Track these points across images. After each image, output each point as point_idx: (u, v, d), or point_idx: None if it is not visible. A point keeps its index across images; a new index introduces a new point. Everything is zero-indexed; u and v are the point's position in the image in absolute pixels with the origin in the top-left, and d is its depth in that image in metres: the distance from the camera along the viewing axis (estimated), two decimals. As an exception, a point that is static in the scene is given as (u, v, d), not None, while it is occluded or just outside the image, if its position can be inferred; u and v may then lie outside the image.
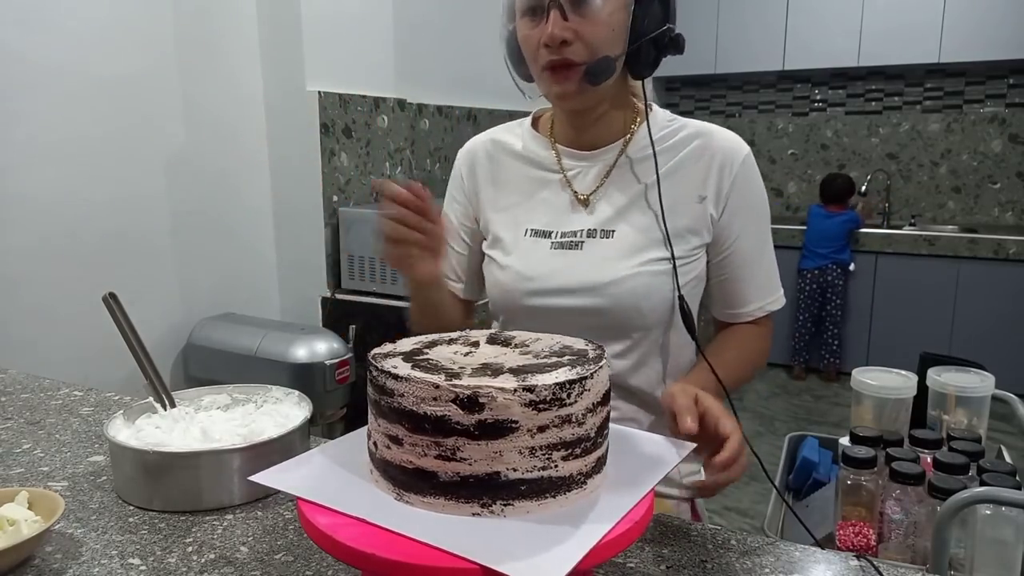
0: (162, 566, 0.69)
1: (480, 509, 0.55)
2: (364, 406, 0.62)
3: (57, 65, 1.95)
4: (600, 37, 0.89)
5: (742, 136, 1.03)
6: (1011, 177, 4.45)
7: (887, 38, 4.28)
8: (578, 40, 0.88)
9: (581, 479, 0.57)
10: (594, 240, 0.97)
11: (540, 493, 0.55)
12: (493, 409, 0.53)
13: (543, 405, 0.54)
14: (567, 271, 0.97)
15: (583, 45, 0.89)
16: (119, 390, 1.22)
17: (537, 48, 0.90)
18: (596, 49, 0.89)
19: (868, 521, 1.04)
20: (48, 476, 0.90)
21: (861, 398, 1.19)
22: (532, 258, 0.99)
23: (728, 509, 2.81)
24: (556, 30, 0.87)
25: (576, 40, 0.88)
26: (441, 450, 0.54)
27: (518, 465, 0.54)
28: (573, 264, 0.97)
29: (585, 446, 0.57)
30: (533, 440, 0.54)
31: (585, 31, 0.88)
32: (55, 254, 1.99)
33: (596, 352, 0.62)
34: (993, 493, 0.85)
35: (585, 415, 0.56)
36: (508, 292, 1.00)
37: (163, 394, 0.92)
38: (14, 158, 1.88)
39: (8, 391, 1.22)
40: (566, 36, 0.88)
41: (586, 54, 0.89)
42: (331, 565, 0.69)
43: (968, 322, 3.99)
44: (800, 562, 0.71)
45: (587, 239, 0.97)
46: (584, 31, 0.88)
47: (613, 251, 0.96)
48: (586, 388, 0.56)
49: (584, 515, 0.55)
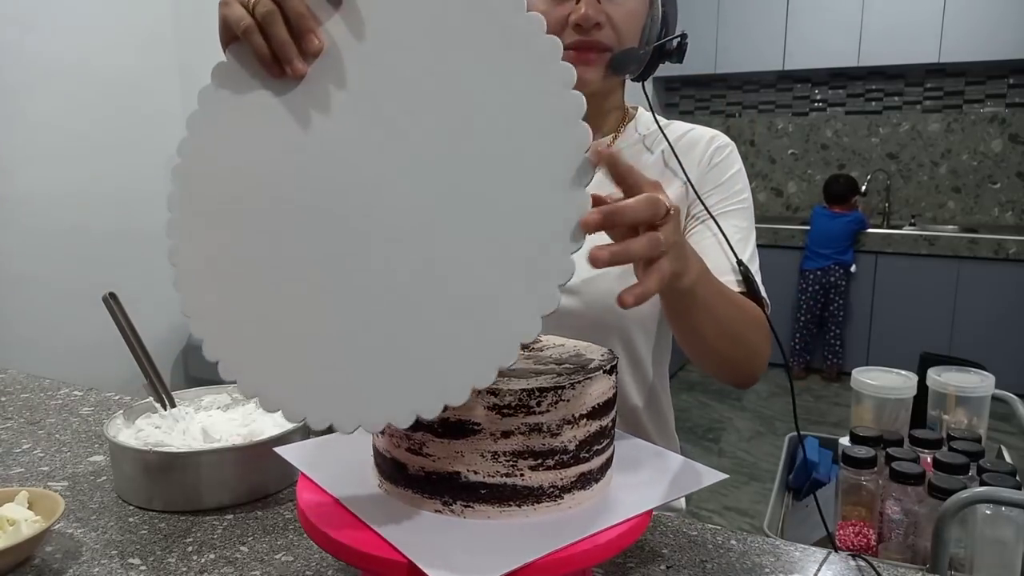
0: (162, 566, 0.69)
1: (442, 507, 0.55)
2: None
3: (57, 64, 1.95)
4: (629, 26, 0.87)
5: (742, 136, 1.03)
6: (1011, 177, 4.45)
7: (887, 38, 4.28)
8: (609, 25, 0.86)
9: (554, 492, 0.55)
10: None
11: (503, 500, 0.54)
12: (456, 408, 0.53)
13: (507, 411, 0.53)
14: None
15: (612, 30, 0.87)
16: (119, 390, 1.22)
17: (561, 26, 0.87)
18: (624, 37, 0.88)
19: (868, 521, 1.04)
20: (48, 476, 0.90)
21: (861, 398, 1.19)
22: None
23: (728, 509, 2.81)
24: (591, 11, 0.84)
25: (607, 24, 0.86)
26: (410, 443, 0.55)
27: (479, 468, 0.54)
28: None
29: (561, 459, 0.55)
30: (496, 445, 0.53)
31: (616, 17, 0.86)
32: (55, 254, 1.99)
33: (598, 365, 0.59)
34: (993, 493, 0.85)
35: (561, 426, 0.54)
36: None
37: (163, 394, 0.92)
38: (14, 158, 1.88)
39: (8, 391, 1.22)
40: (600, 19, 0.85)
41: (614, 40, 0.87)
42: (331, 565, 0.69)
43: (968, 322, 3.99)
44: (800, 562, 0.71)
45: None
46: (615, 16, 0.86)
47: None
48: (562, 398, 0.54)
49: (543, 529, 0.53)
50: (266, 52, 0.55)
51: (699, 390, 4.09)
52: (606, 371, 0.58)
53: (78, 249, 2.03)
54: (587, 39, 0.86)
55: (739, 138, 4.90)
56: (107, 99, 2.07)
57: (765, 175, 5.04)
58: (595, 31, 0.86)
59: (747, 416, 3.74)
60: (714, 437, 3.53)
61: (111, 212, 2.11)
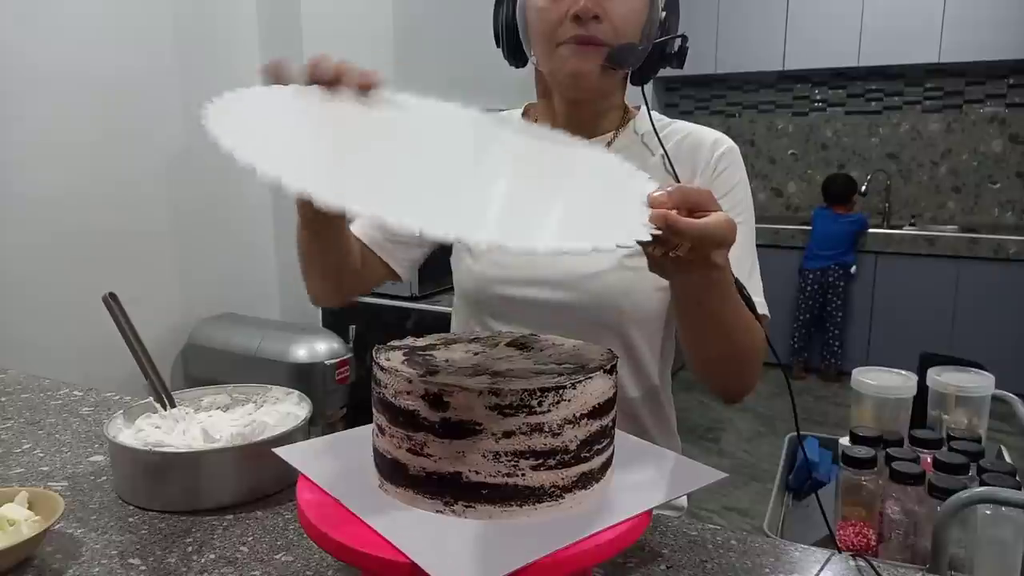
0: (162, 566, 0.69)
1: (443, 507, 0.55)
2: (364, 406, 0.63)
3: (57, 65, 1.95)
4: (629, 21, 0.87)
5: (742, 136, 1.02)
6: (1011, 177, 4.45)
7: (887, 38, 4.28)
8: (607, 19, 0.86)
9: (556, 492, 0.55)
10: None
11: (504, 500, 0.54)
12: (457, 409, 0.53)
13: (509, 410, 0.53)
14: (544, 261, 0.93)
15: (611, 25, 0.87)
16: (119, 390, 1.22)
17: (560, 20, 0.87)
18: (622, 32, 0.87)
19: (868, 521, 1.04)
20: (48, 476, 0.90)
21: (861, 398, 1.19)
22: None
23: (728, 509, 2.81)
24: (590, 4, 0.84)
25: (606, 19, 0.86)
26: (411, 444, 0.55)
27: (480, 468, 0.54)
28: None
29: (562, 458, 0.55)
30: (497, 445, 0.53)
31: (615, 11, 0.86)
32: (55, 254, 1.99)
33: (598, 364, 0.59)
34: (993, 493, 0.85)
35: (562, 426, 0.54)
36: (481, 281, 0.97)
37: (163, 394, 0.92)
38: (14, 158, 1.88)
39: (8, 391, 1.22)
40: (598, 12, 0.85)
41: (612, 35, 0.87)
42: (331, 565, 0.69)
43: (968, 322, 3.99)
44: (800, 562, 0.71)
45: None
46: (614, 11, 0.86)
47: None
48: (563, 398, 0.54)
49: (544, 529, 0.53)
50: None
51: (699, 390, 4.08)
52: (606, 370, 0.58)
53: (78, 250, 2.03)
54: (585, 33, 0.86)
55: (739, 138, 4.86)
56: (107, 99, 2.07)
57: (765, 175, 5.04)
58: (593, 25, 0.86)
59: (747, 416, 3.74)
60: (714, 437, 3.53)
61: (111, 212, 2.11)
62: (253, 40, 2.48)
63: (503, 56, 0.97)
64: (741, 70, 4.76)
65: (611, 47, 0.87)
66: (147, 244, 2.23)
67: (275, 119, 0.65)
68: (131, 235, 2.17)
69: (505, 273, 0.96)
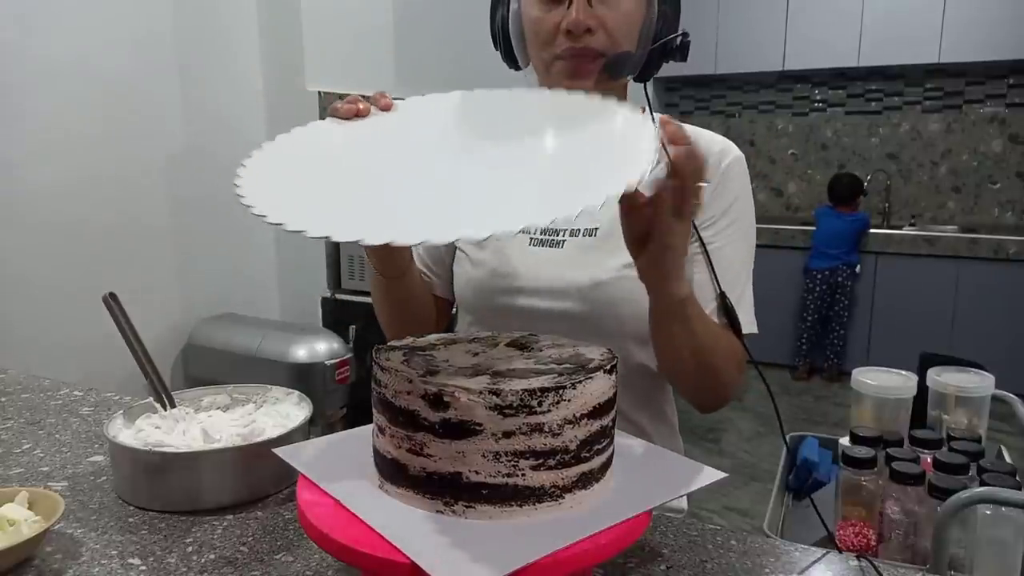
0: (162, 566, 0.69)
1: (443, 507, 0.55)
2: (364, 406, 0.63)
3: (57, 64, 1.95)
4: (623, 29, 0.86)
5: (742, 136, 1.02)
6: (1011, 177, 4.45)
7: (887, 38, 4.28)
8: (601, 29, 0.85)
9: (555, 492, 0.55)
10: (576, 238, 0.93)
11: (504, 500, 0.54)
12: (457, 409, 0.53)
13: (509, 411, 0.53)
14: (545, 269, 0.92)
15: (605, 35, 0.85)
16: (119, 390, 1.22)
17: (554, 34, 0.86)
18: (617, 41, 0.86)
19: (868, 521, 1.04)
20: (48, 476, 0.90)
21: (861, 398, 1.19)
22: (508, 254, 0.95)
23: (728, 509, 2.81)
24: (581, 16, 0.83)
25: (599, 29, 0.85)
26: (411, 444, 0.55)
27: (480, 468, 0.54)
28: (551, 262, 0.92)
29: (562, 458, 0.55)
30: (498, 445, 0.53)
31: (608, 20, 0.85)
32: (55, 254, 1.99)
33: (598, 364, 0.59)
34: (993, 493, 0.85)
35: (562, 426, 0.54)
36: (480, 290, 0.96)
37: (163, 394, 0.92)
38: (14, 157, 1.88)
39: (8, 391, 1.22)
40: (591, 24, 0.84)
41: (607, 45, 0.86)
42: (331, 565, 0.69)
43: (968, 322, 3.99)
44: (800, 562, 0.71)
45: (568, 237, 0.93)
46: (608, 20, 0.85)
47: (595, 251, 0.91)
48: (563, 398, 0.54)
49: (544, 529, 0.53)
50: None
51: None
52: (606, 370, 0.58)
53: (78, 249, 2.03)
54: (579, 46, 0.85)
55: (739, 138, 4.89)
56: (106, 99, 2.07)
57: (765, 175, 5.04)
58: (587, 37, 0.85)
59: (748, 416, 3.74)
60: (714, 437, 3.53)
61: (111, 212, 2.11)
62: (254, 40, 2.48)
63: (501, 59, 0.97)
64: (741, 70, 4.76)
65: (607, 56, 0.86)
66: (147, 244, 2.23)
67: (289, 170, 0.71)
68: (131, 235, 2.17)
69: (505, 282, 0.94)
